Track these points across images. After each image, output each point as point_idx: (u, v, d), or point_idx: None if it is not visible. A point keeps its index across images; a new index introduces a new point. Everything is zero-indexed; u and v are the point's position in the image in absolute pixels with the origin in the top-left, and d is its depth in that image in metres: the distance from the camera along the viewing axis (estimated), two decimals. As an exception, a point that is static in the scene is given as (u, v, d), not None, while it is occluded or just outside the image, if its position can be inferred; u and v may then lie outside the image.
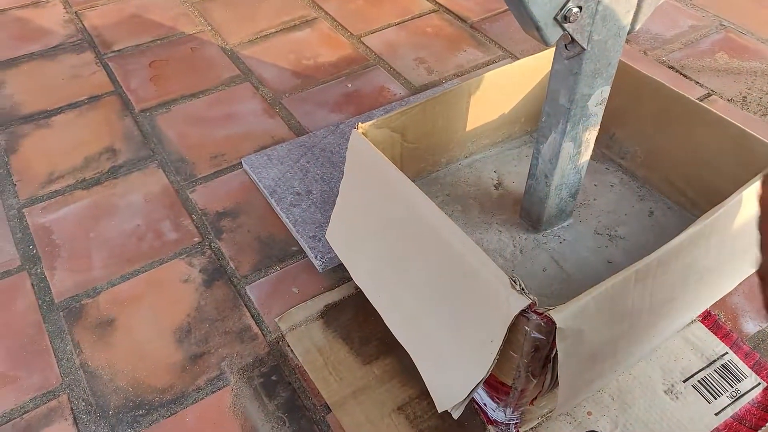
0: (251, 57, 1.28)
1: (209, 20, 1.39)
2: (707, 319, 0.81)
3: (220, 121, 1.13)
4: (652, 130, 0.84)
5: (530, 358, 0.58)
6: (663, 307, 0.62)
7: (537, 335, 0.55)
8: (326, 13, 1.42)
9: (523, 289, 0.55)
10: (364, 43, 1.32)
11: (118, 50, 1.30)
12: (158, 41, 1.33)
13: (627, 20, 0.58)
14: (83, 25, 1.38)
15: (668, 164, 0.83)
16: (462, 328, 0.61)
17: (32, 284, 0.87)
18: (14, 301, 0.84)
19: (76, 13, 1.41)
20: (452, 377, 0.61)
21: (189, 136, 1.10)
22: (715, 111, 0.76)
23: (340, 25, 1.38)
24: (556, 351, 0.56)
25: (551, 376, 0.61)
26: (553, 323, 0.53)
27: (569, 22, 0.54)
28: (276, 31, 1.36)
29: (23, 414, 0.73)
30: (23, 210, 0.97)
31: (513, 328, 0.55)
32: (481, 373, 0.58)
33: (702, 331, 0.79)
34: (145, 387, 0.76)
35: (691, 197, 0.82)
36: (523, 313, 0.54)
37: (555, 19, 0.53)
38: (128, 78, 1.23)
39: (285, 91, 1.20)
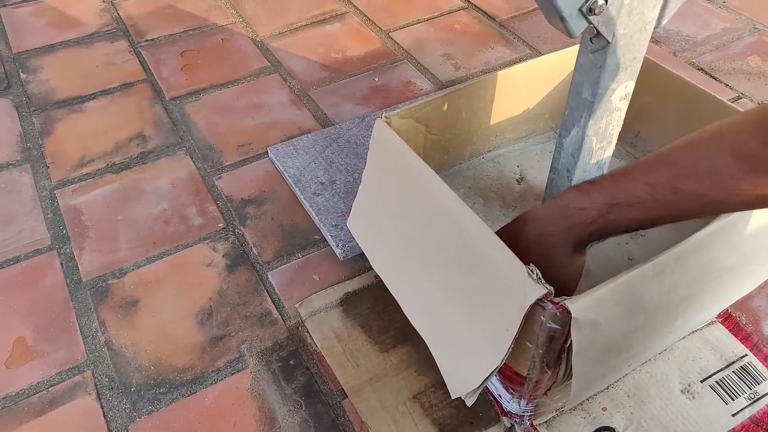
0: (281, 49, 1.30)
1: (241, 12, 1.41)
2: (728, 320, 0.80)
3: (248, 110, 1.15)
4: (677, 129, 0.83)
5: (545, 349, 0.58)
6: (681, 303, 0.62)
7: (552, 325, 0.56)
8: (356, 7, 1.43)
9: (539, 278, 0.55)
10: (392, 38, 1.33)
11: (151, 39, 1.33)
12: (190, 32, 1.35)
13: (654, 14, 0.58)
14: (118, 14, 1.41)
15: (693, 164, 0.83)
16: (478, 316, 0.61)
17: (61, 263, 0.89)
18: (43, 279, 0.87)
19: (111, 2, 1.44)
20: (467, 365, 0.62)
21: (217, 125, 1.12)
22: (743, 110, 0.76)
23: (370, 19, 1.39)
24: (571, 342, 0.56)
25: (565, 368, 0.61)
26: (569, 313, 0.53)
27: (594, 15, 0.54)
28: (306, 25, 1.37)
29: (49, 387, 0.75)
30: (55, 191, 0.99)
31: (529, 317, 0.55)
32: (496, 361, 0.58)
33: (722, 332, 0.79)
34: (166, 366, 0.77)
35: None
36: (539, 302, 0.55)
37: (580, 10, 0.54)
38: (160, 67, 1.25)
39: (313, 84, 1.21)
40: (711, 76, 1.21)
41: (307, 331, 0.81)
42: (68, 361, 0.78)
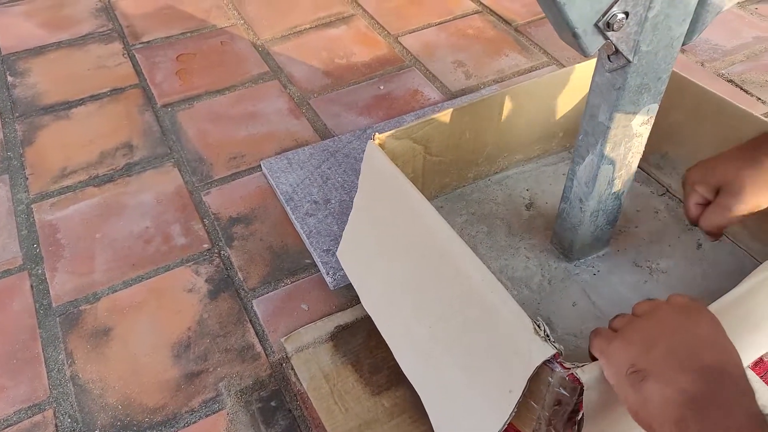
0: (282, 54, 1.23)
1: (243, 14, 1.34)
2: (759, 365, 0.72)
3: (243, 119, 1.08)
4: (710, 151, 0.75)
5: (552, 412, 0.51)
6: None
7: (561, 390, 0.48)
8: (364, 10, 1.35)
9: (547, 335, 0.48)
10: (400, 43, 1.26)
11: (147, 41, 1.26)
12: (188, 34, 1.29)
13: (682, 29, 0.50)
14: (115, 14, 1.34)
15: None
16: (478, 372, 0.54)
17: (31, 285, 0.82)
18: (11, 303, 0.80)
19: (108, 1, 1.38)
20: (464, 426, 0.54)
21: (209, 134, 1.05)
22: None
23: (378, 23, 1.31)
24: (582, 414, 0.48)
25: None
26: (581, 383, 0.46)
27: (613, 30, 0.46)
28: (310, 28, 1.30)
29: (5, 428, 0.69)
30: (32, 205, 0.93)
31: (535, 377, 0.48)
32: (497, 425, 0.51)
33: (752, 378, 0.70)
34: (135, 406, 0.71)
35: (752, 229, 0.72)
36: (547, 363, 0.47)
37: (596, 25, 0.46)
38: (154, 71, 1.19)
39: (313, 91, 1.14)
40: (741, 88, 1.12)
41: (292, 369, 0.74)
42: (29, 398, 0.71)
